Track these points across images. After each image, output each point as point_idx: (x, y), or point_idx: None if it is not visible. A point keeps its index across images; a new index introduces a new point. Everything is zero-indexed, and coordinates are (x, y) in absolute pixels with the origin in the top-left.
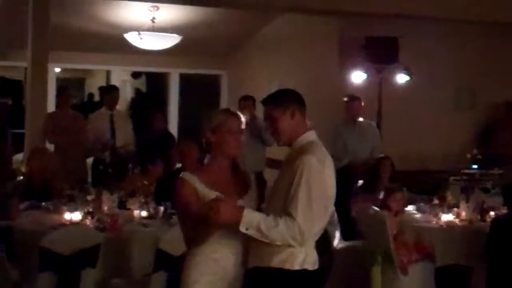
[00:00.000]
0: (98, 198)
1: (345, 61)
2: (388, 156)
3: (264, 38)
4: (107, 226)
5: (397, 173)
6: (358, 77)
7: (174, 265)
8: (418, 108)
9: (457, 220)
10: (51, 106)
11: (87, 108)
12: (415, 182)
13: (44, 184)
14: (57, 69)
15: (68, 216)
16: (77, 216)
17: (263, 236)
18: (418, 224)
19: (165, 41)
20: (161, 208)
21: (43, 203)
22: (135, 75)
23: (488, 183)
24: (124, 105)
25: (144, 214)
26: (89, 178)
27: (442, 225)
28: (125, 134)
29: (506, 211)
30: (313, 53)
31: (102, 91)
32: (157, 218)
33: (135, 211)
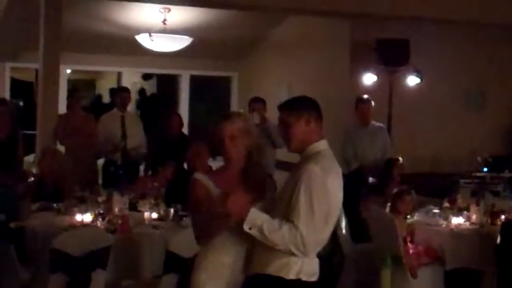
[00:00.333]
0: (109, 199)
1: (356, 63)
2: (392, 158)
3: (275, 40)
4: (117, 228)
5: (407, 176)
6: (369, 79)
7: (184, 267)
8: (429, 110)
9: (467, 223)
10: (62, 108)
11: (96, 109)
12: (425, 185)
13: (55, 186)
14: (68, 71)
15: (79, 217)
16: (88, 217)
17: (264, 237)
18: (428, 227)
19: (176, 43)
20: (171, 210)
21: (54, 204)
22: (146, 76)
23: (499, 186)
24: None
25: (154, 216)
26: (100, 180)
27: (452, 228)
28: (136, 135)
29: None
30: (324, 55)
31: (113, 93)
32: (168, 220)
33: (146, 213)
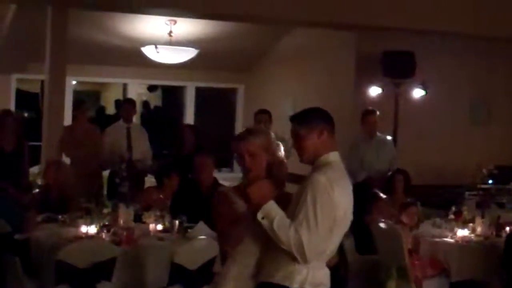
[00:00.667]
0: (114, 211)
1: (362, 76)
2: (401, 169)
3: (281, 52)
4: (122, 240)
5: (413, 188)
6: (374, 91)
7: (189, 279)
8: (434, 122)
9: (472, 235)
10: (67, 119)
11: (99, 121)
12: (431, 197)
13: (60, 197)
14: (74, 82)
15: (84, 229)
16: (93, 229)
17: (272, 231)
18: (433, 239)
19: (182, 54)
20: (176, 222)
21: (59, 216)
22: (151, 88)
23: (504, 198)
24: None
25: (159, 227)
26: (105, 191)
27: (458, 240)
28: (142, 147)
29: None
30: (329, 67)
31: (118, 104)
32: (173, 232)
33: (151, 225)
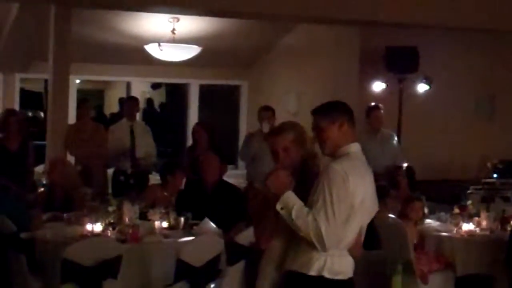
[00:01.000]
0: (119, 209)
1: (365, 71)
2: (402, 165)
3: (284, 48)
4: (128, 237)
5: (417, 183)
6: (378, 86)
7: (195, 276)
8: (438, 117)
9: (477, 229)
10: (71, 118)
11: (98, 121)
12: (436, 191)
13: (65, 196)
14: (77, 81)
15: (89, 227)
16: (98, 227)
17: (291, 220)
18: (438, 234)
19: (185, 52)
20: (182, 219)
21: (65, 215)
22: (155, 86)
23: (509, 192)
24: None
25: (165, 225)
26: (109, 189)
27: (463, 234)
28: (146, 145)
29: None
30: (333, 63)
31: (122, 102)
32: (178, 229)
33: (156, 222)
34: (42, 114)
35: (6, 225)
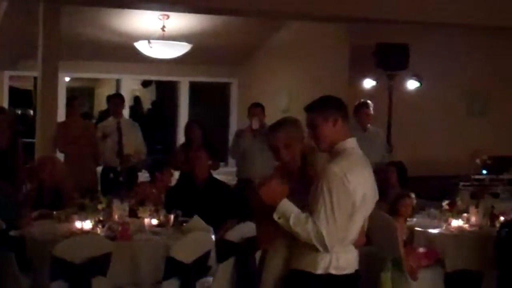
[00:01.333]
0: (108, 206)
1: (355, 68)
2: (396, 161)
3: (274, 45)
4: (117, 235)
5: (408, 179)
6: (368, 83)
7: (185, 273)
8: (429, 114)
9: (467, 225)
10: (61, 116)
11: None
12: (425, 188)
13: (54, 193)
14: (67, 78)
15: (79, 224)
16: (88, 224)
17: (290, 228)
18: (428, 230)
19: (175, 49)
20: (171, 216)
21: (54, 212)
22: (145, 84)
23: (498, 188)
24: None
25: (154, 222)
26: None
27: (452, 230)
28: (134, 142)
29: None
30: (323, 60)
31: (108, 100)
32: (168, 226)
33: (146, 219)
34: (31, 112)
35: None
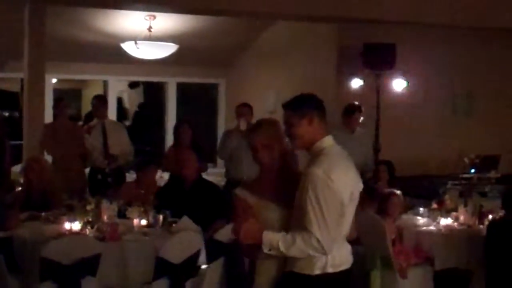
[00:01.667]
0: (97, 207)
1: (343, 68)
2: (385, 161)
3: (261, 45)
4: (106, 235)
5: (396, 179)
6: (356, 83)
7: (174, 273)
8: (416, 113)
9: (455, 224)
10: (48, 117)
11: None
12: (414, 187)
13: (42, 195)
14: (54, 80)
15: (67, 225)
16: (76, 225)
17: (284, 254)
18: (417, 229)
19: (162, 50)
20: (160, 217)
21: (43, 213)
22: (132, 85)
23: (486, 187)
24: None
25: (143, 222)
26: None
27: (441, 229)
28: (119, 142)
29: (503, 214)
30: (311, 60)
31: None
32: (157, 227)
33: (135, 220)
34: (18, 115)
35: None
